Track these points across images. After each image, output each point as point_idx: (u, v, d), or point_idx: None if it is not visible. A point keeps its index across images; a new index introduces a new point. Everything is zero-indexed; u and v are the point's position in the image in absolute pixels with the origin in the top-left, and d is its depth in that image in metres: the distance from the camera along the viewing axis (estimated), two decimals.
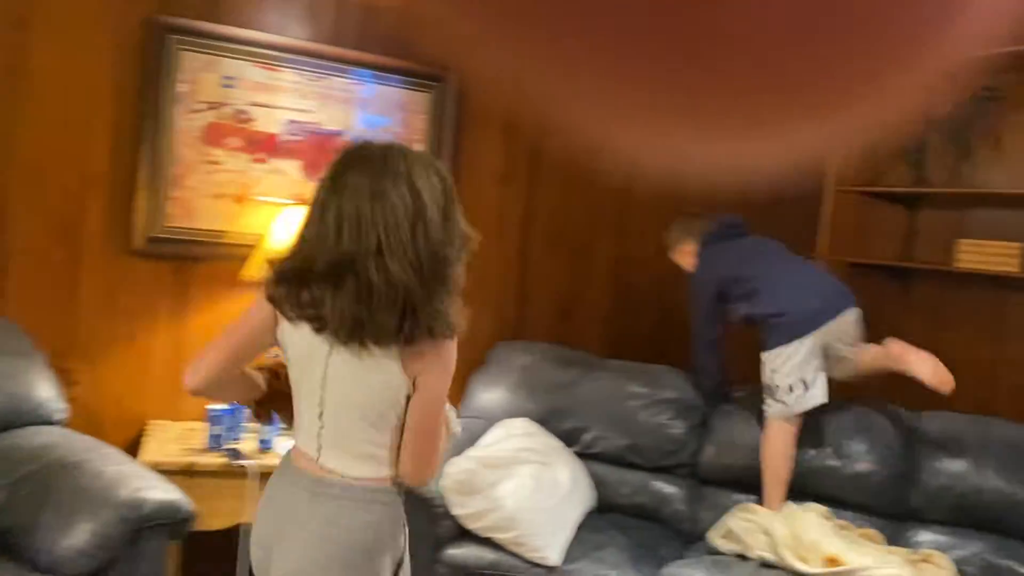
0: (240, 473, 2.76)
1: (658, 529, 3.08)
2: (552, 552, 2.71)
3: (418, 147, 3.31)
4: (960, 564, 2.87)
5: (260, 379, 1.84)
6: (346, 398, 1.68)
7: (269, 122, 3.17)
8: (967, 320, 3.76)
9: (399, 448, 1.71)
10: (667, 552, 2.91)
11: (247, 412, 2.44)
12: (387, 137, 1.88)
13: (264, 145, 3.17)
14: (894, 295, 4.05)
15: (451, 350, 1.73)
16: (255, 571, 1.77)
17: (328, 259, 1.61)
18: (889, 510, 3.03)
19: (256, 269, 2.96)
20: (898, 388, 3.84)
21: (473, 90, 3.48)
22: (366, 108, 3.31)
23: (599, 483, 3.25)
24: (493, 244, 3.61)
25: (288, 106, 3.19)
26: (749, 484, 3.17)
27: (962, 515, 2.96)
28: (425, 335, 1.65)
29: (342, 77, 3.26)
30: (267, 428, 2.86)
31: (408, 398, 1.70)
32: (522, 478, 2.83)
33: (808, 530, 2.77)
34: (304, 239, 1.66)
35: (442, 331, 1.68)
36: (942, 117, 3.76)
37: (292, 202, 3.18)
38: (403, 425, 1.70)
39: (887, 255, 4.07)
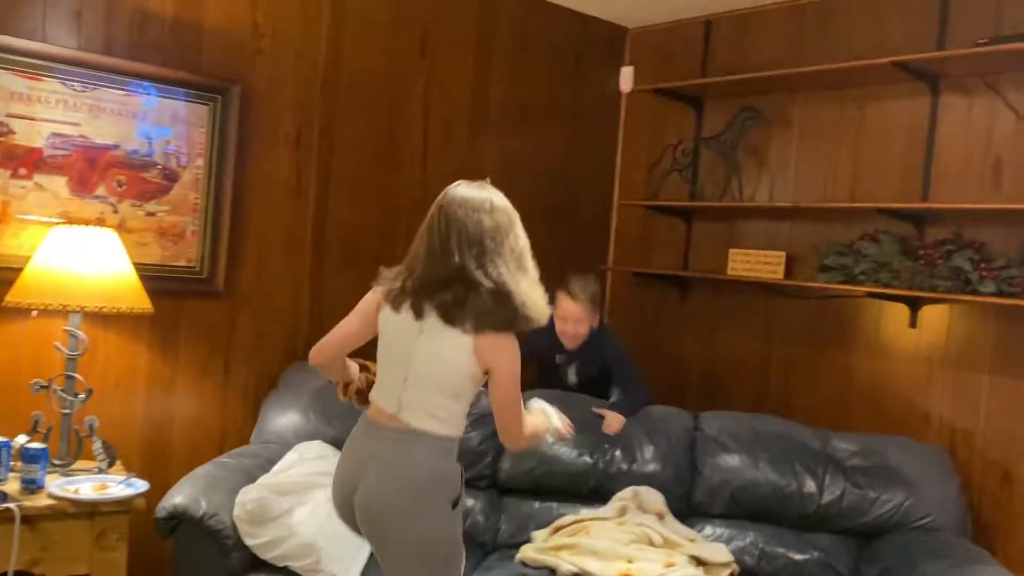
0: (6, 517, 2.51)
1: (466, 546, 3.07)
2: None
3: (200, 161, 3.22)
4: (739, 554, 3.07)
5: (354, 368, 2.43)
6: (425, 372, 2.16)
7: (31, 135, 2.93)
8: (739, 324, 4.04)
9: (463, 414, 2.22)
10: (465, 567, 2.91)
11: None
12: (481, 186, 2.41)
13: (25, 160, 2.92)
14: (674, 302, 4.29)
15: (513, 341, 2.15)
16: (337, 506, 2.29)
17: (439, 271, 2.15)
18: (676, 507, 3.18)
19: (24, 295, 2.72)
20: (680, 388, 4.07)
21: (258, 102, 3.37)
22: (142, 120, 3.12)
23: None
24: (284, 261, 3.51)
25: (52, 118, 2.96)
26: (549, 491, 3.25)
27: (739, 508, 3.16)
28: (491, 329, 2.11)
29: (114, 88, 3.06)
30: (39, 468, 2.65)
31: (477, 380, 2.17)
32: (317, 503, 2.75)
33: (610, 538, 2.88)
34: (418, 255, 2.22)
35: (504, 326, 2.12)
36: (712, 136, 4.03)
37: (60, 221, 2.95)
38: (469, 399, 2.21)
39: (667, 265, 4.30)
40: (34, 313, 2.86)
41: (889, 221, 3.47)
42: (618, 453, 3.25)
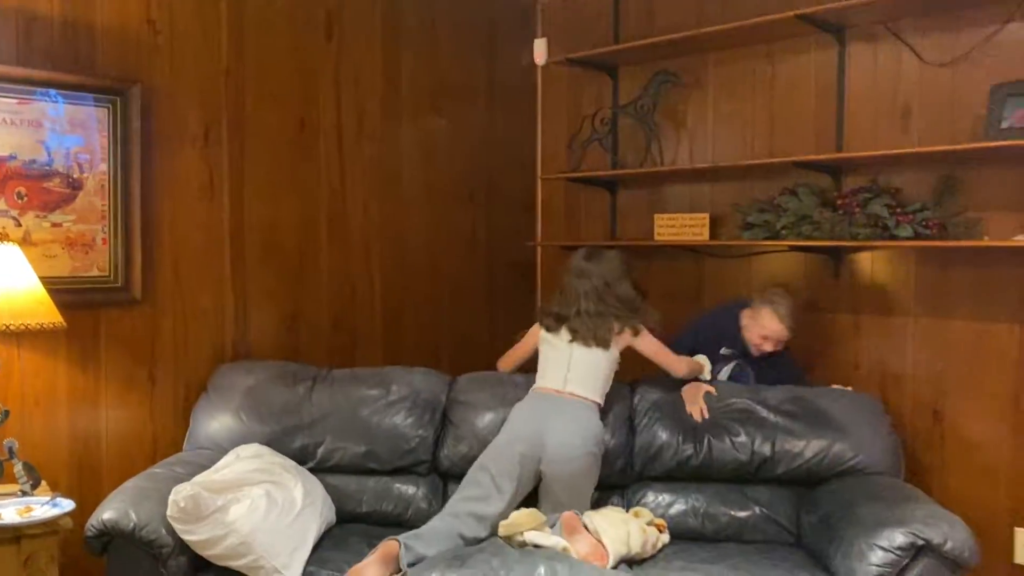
0: None
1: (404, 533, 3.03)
2: (292, 572, 2.61)
3: (104, 166, 3.12)
4: (682, 516, 3.09)
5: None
6: (581, 367, 3.13)
7: None
8: (671, 288, 4.05)
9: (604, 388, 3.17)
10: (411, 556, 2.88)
11: None
12: None
13: None
14: None
15: (646, 332, 3.22)
16: (522, 454, 2.99)
17: (579, 305, 3.16)
18: (619, 476, 3.18)
19: None
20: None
21: (160, 101, 3.27)
22: (39, 128, 3.01)
23: (339, 495, 3.17)
24: (203, 262, 3.41)
25: None
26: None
27: (679, 471, 3.17)
28: (625, 333, 3.18)
29: (5, 97, 2.94)
30: None
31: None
32: (254, 499, 2.69)
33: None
34: (564, 294, 3.22)
35: (631, 329, 3.18)
36: (629, 103, 4.02)
37: None
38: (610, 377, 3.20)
39: (596, 236, 4.30)
40: None
41: (807, 174, 3.50)
42: None
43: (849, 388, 3.32)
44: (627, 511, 3.01)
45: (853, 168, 3.45)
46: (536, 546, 2.78)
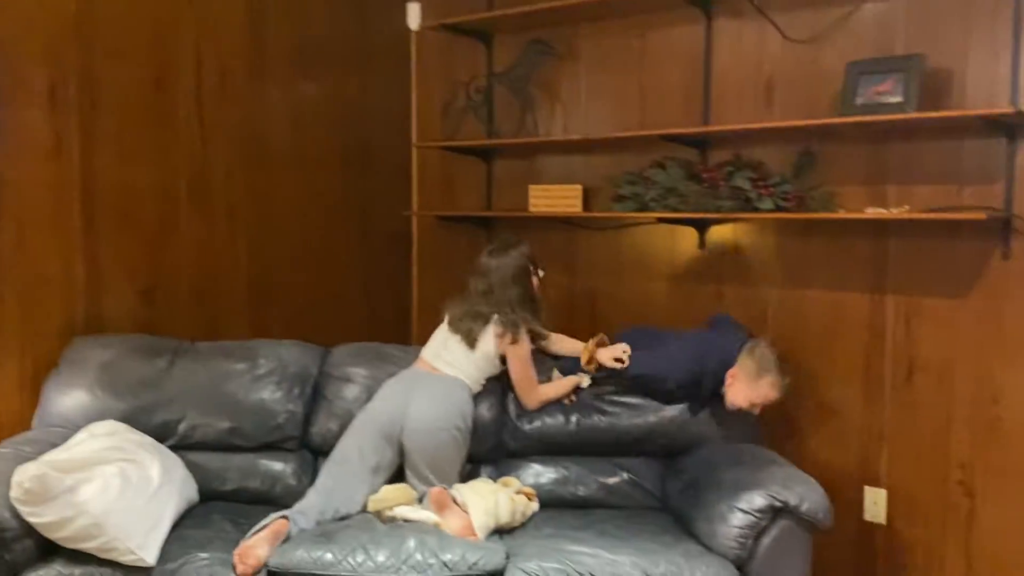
0: None
1: (270, 512, 2.94)
2: (148, 553, 2.50)
3: None
4: (554, 485, 3.12)
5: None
6: (455, 352, 3.15)
7: None
8: (545, 259, 4.04)
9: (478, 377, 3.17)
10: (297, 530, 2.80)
11: None
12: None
13: None
14: (481, 243, 4.26)
15: (522, 345, 3.16)
16: (383, 426, 2.99)
17: (468, 303, 3.23)
18: (495, 453, 3.19)
19: None
20: None
21: (1, 56, 3.04)
22: None
23: (202, 474, 3.05)
24: (51, 229, 3.20)
25: None
26: None
27: (553, 446, 3.19)
28: (506, 337, 3.12)
29: None
30: None
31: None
32: (106, 478, 2.56)
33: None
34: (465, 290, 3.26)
35: (511, 336, 3.13)
36: (504, 71, 3.99)
37: None
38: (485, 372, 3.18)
39: (471, 206, 4.27)
40: None
41: (675, 147, 3.56)
42: None
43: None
44: (495, 481, 3.01)
45: (719, 142, 3.53)
46: (406, 520, 2.76)
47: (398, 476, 3.01)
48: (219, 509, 2.95)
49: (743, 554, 2.52)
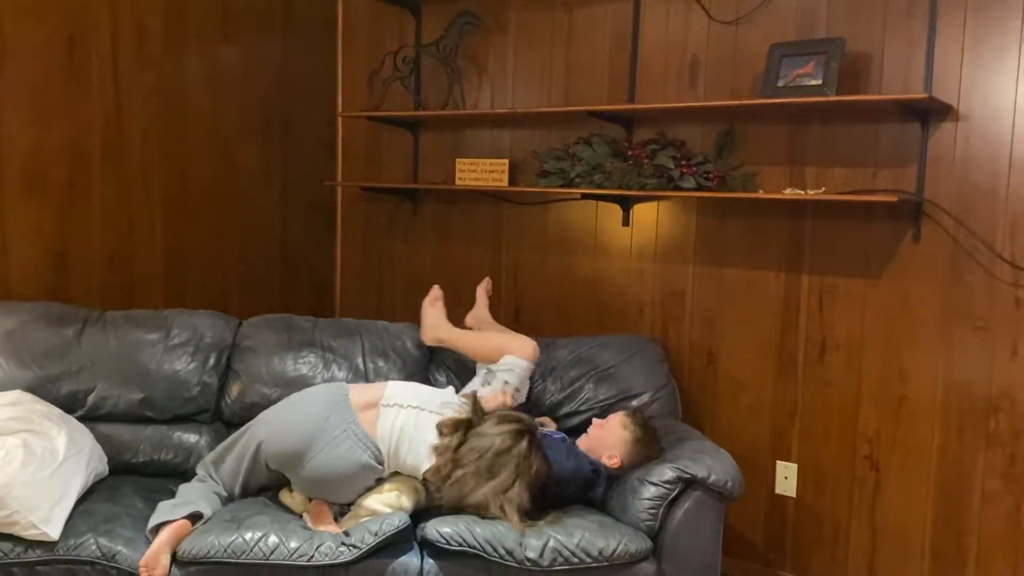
0: None
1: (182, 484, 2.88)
2: (52, 527, 2.42)
3: None
4: None
5: None
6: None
7: None
8: (471, 234, 4.06)
9: None
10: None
11: None
12: None
13: None
14: (406, 216, 4.23)
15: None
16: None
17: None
18: None
19: None
20: (418, 302, 4.05)
21: None
22: None
23: (113, 446, 2.99)
24: None
25: None
26: None
27: None
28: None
29: None
30: None
31: None
32: (9, 450, 2.48)
33: None
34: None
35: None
36: (432, 42, 3.94)
37: None
38: None
39: (397, 178, 4.23)
40: None
41: (601, 124, 3.57)
42: (346, 374, 3.17)
43: None
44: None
45: (644, 120, 3.55)
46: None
47: None
48: (130, 483, 2.89)
49: (654, 524, 2.57)
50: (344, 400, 2.76)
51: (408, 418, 2.73)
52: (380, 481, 2.72)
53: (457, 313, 3.98)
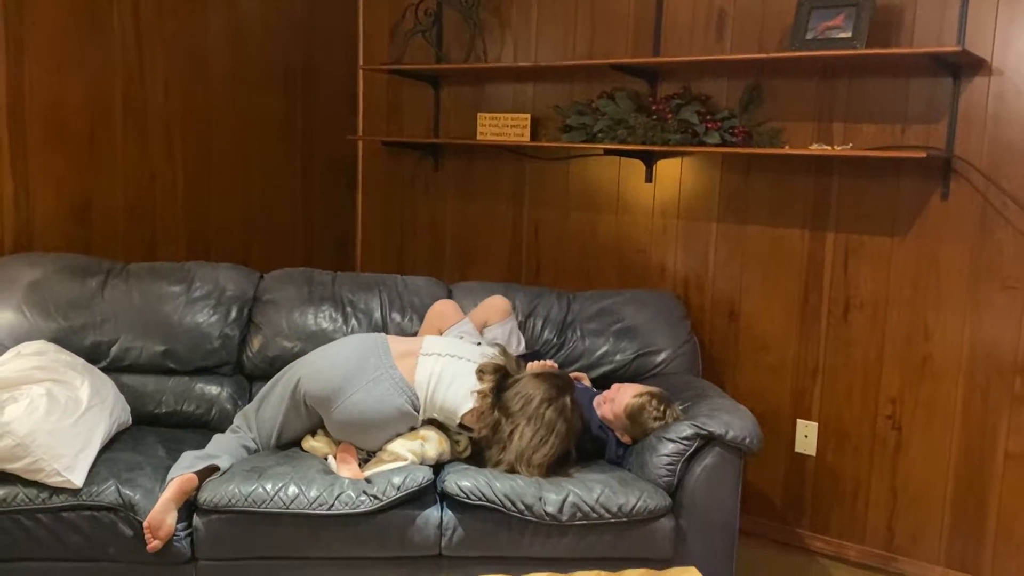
0: None
1: (205, 436, 2.87)
2: (76, 474, 2.45)
3: None
4: None
5: None
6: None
7: None
8: (492, 190, 4.03)
9: None
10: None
11: None
12: None
13: None
14: (427, 171, 4.21)
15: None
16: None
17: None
18: None
19: None
20: (438, 257, 4.04)
21: None
22: None
23: (136, 396, 3.01)
24: None
25: None
26: None
27: None
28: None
29: None
30: None
31: None
32: (33, 399, 2.50)
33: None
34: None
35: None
36: None
37: None
38: None
39: (418, 133, 4.19)
40: None
41: (624, 78, 3.52)
42: (366, 328, 3.17)
43: None
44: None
45: (668, 74, 3.49)
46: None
47: None
48: (153, 433, 2.92)
49: (673, 480, 2.56)
50: (384, 347, 2.80)
51: (447, 365, 2.75)
52: (411, 429, 2.74)
53: (475, 271, 3.99)
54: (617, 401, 2.80)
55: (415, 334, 3.12)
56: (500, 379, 2.69)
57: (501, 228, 4.01)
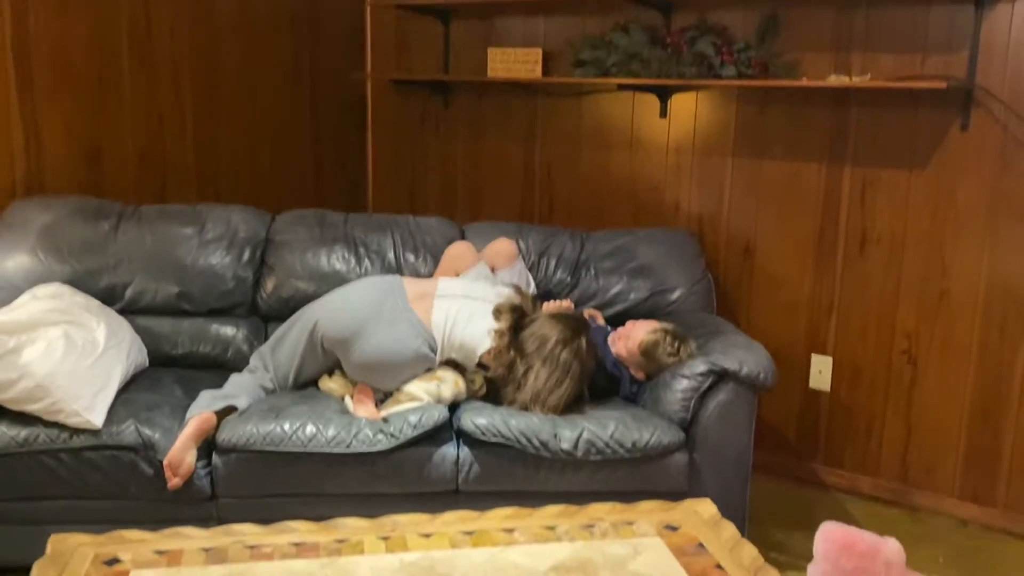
0: None
1: (222, 377, 2.90)
2: (95, 415, 2.48)
3: None
4: None
5: None
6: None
7: None
8: (504, 127, 3.98)
9: None
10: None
11: None
12: None
13: None
14: (437, 109, 4.16)
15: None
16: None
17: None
18: None
19: None
20: (450, 197, 4.02)
21: None
22: None
23: (152, 338, 3.02)
24: None
25: None
26: None
27: None
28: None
29: None
30: None
31: None
32: (50, 341, 2.52)
33: None
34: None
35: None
36: None
37: None
38: None
39: (428, 70, 4.14)
40: None
41: (638, 10, 3.44)
42: (379, 268, 3.17)
43: None
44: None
45: (683, 5, 3.41)
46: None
47: None
48: (170, 374, 2.94)
49: (686, 416, 2.57)
50: (399, 289, 2.80)
51: (463, 306, 2.76)
52: (428, 371, 2.75)
53: (488, 211, 3.97)
54: (631, 338, 2.79)
55: (429, 275, 3.12)
56: (516, 319, 2.69)
57: (513, 167, 3.97)
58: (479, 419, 2.54)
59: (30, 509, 2.51)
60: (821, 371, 3.34)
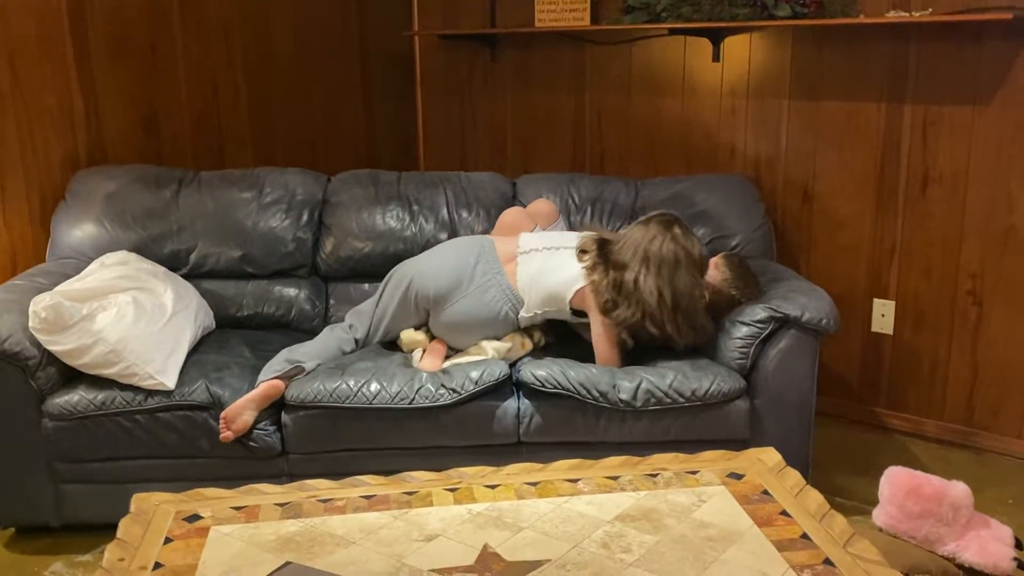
0: None
1: (288, 336, 2.99)
2: (168, 377, 2.56)
3: None
4: None
5: None
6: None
7: None
8: (552, 78, 3.95)
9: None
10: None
11: None
12: None
13: None
14: (485, 62, 4.14)
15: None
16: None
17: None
18: None
19: None
20: (499, 151, 4.00)
21: None
22: None
23: (218, 301, 3.10)
24: (43, 56, 3.11)
25: None
26: (372, 273, 3.15)
27: None
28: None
29: None
30: None
31: None
32: (120, 307, 2.60)
33: None
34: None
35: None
36: None
37: None
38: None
39: (475, 23, 4.11)
40: None
41: None
42: (433, 226, 3.19)
43: None
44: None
45: None
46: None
47: None
48: (237, 335, 3.01)
49: (746, 363, 2.57)
50: (492, 252, 2.83)
51: (547, 258, 2.77)
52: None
53: (538, 164, 3.95)
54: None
55: (485, 232, 3.13)
56: (601, 246, 2.67)
57: (563, 118, 3.94)
58: (539, 371, 2.56)
59: (112, 469, 2.61)
60: (884, 314, 3.29)
